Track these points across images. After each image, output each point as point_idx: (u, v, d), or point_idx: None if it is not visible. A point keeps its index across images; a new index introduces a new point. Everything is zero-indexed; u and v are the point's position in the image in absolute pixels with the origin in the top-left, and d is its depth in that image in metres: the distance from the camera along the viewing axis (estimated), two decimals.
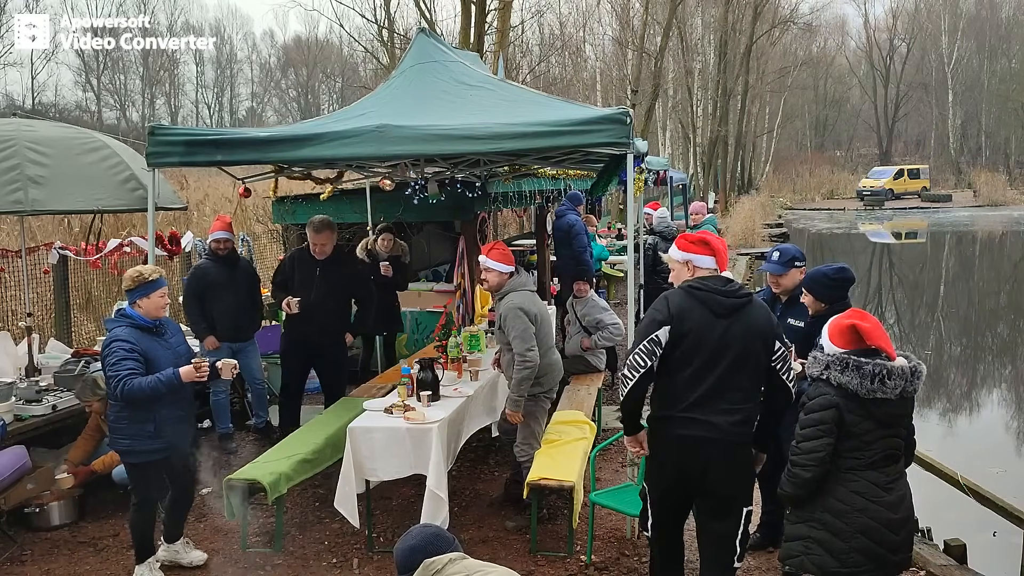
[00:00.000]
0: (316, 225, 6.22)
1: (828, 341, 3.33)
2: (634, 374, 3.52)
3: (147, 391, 4.09)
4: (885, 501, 3.21)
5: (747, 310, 3.58)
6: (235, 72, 65.86)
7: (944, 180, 51.83)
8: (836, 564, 3.21)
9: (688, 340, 3.51)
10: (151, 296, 4.28)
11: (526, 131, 4.67)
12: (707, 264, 3.66)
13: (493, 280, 5.13)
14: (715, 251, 3.69)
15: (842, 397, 3.18)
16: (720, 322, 3.53)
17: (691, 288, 3.59)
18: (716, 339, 3.51)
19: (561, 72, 36.07)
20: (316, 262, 6.25)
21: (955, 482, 5.26)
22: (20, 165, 5.70)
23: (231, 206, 15.40)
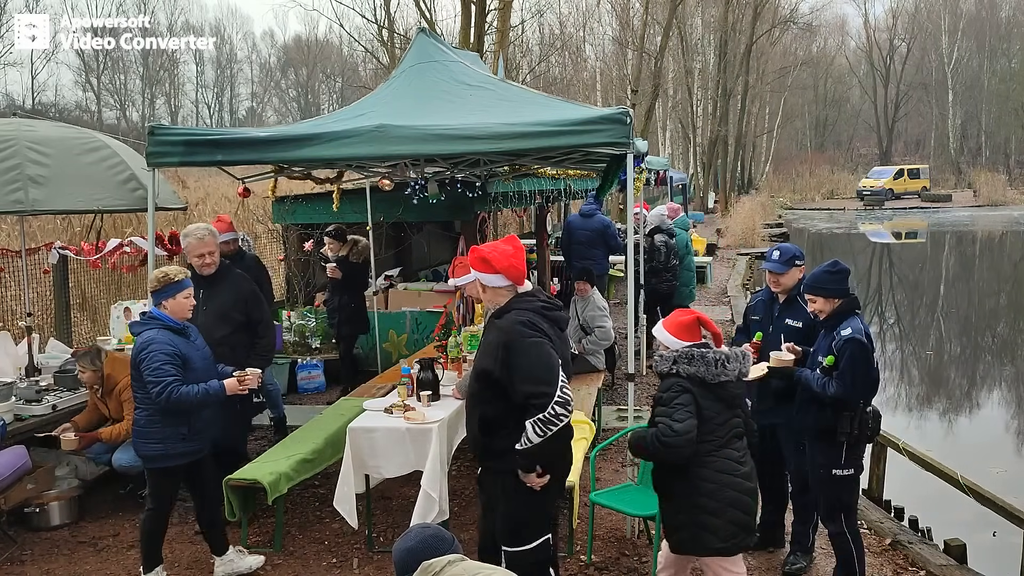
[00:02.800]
0: (195, 232, 5.13)
1: (672, 338, 3.62)
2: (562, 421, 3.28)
3: (194, 401, 4.10)
4: (742, 473, 3.57)
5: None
6: (235, 72, 65.93)
7: (944, 180, 51.84)
8: (716, 540, 3.52)
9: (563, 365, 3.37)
10: (177, 297, 4.22)
11: (526, 131, 4.67)
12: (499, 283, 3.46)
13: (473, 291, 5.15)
14: (502, 269, 3.43)
15: (694, 385, 3.49)
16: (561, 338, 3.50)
17: (545, 309, 3.42)
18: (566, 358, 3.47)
19: (561, 72, 36.10)
20: (200, 280, 5.05)
21: (955, 482, 5.26)
22: (20, 165, 5.70)
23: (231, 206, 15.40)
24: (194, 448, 4.28)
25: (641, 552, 4.89)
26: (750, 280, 17.20)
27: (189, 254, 5.12)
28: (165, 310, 4.22)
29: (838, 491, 4.17)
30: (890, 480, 5.97)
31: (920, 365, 12.34)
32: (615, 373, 8.34)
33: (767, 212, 32.68)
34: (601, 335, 7.11)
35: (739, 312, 12.10)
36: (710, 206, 35.47)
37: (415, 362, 5.25)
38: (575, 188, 9.71)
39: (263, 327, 5.33)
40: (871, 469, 5.95)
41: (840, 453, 4.10)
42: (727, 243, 23.50)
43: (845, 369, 3.98)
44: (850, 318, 4.06)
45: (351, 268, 7.73)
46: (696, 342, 3.60)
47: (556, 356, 3.30)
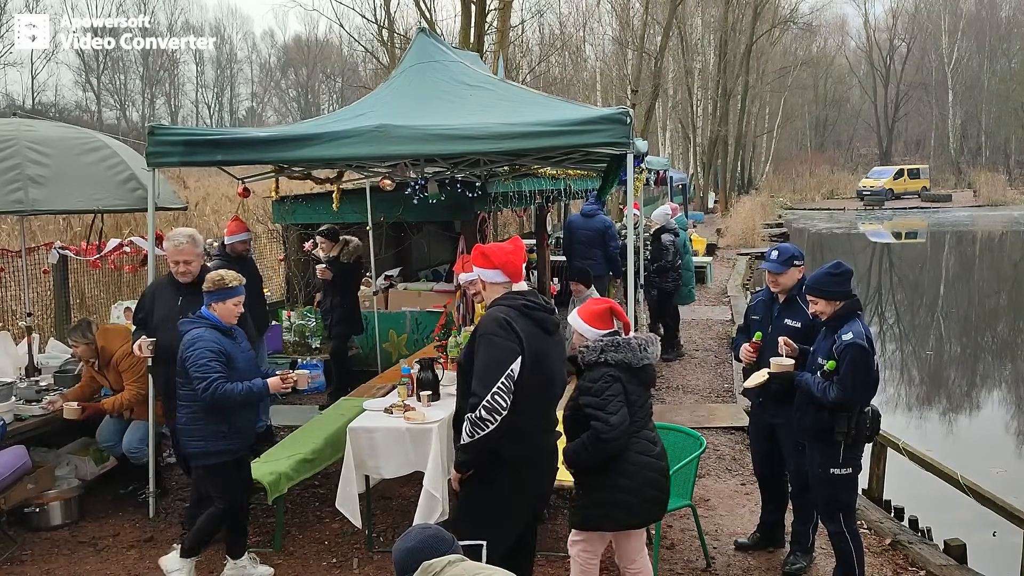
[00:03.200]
0: (174, 238, 4.97)
1: (589, 327, 3.73)
2: (497, 417, 3.17)
3: (236, 398, 4.16)
4: (656, 452, 3.73)
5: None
6: (235, 72, 65.93)
7: (944, 180, 51.84)
8: (631, 516, 3.68)
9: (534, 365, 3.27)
10: (227, 302, 4.32)
11: (526, 131, 4.67)
12: (496, 279, 3.45)
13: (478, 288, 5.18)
14: (499, 264, 3.43)
15: (622, 372, 3.62)
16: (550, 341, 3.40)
17: (527, 307, 3.35)
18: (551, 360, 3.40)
19: (561, 72, 36.10)
20: (179, 288, 4.98)
21: (955, 482, 5.26)
22: (20, 165, 5.70)
23: (231, 206, 15.40)
24: (234, 447, 4.34)
25: None
26: (750, 280, 17.20)
27: (168, 259, 4.98)
28: (214, 311, 4.32)
29: (836, 490, 4.17)
30: (890, 480, 5.97)
31: (920, 365, 12.34)
32: None
33: (767, 212, 32.68)
34: None
35: (739, 312, 12.11)
36: (710, 206, 35.48)
37: (415, 362, 5.25)
38: (575, 188, 9.70)
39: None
40: (871, 469, 5.95)
41: (838, 453, 4.11)
42: (727, 243, 23.51)
43: (846, 374, 3.97)
44: (851, 321, 4.06)
45: (343, 269, 7.68)
46: (611, 330, 3.74)
47: (509, 359, 3.18)
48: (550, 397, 3.43)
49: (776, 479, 4.83)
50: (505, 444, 3.24)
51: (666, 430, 5.02)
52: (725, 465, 6.44)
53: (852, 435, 4.06)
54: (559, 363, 3.42)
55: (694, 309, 13.08)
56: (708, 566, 4.74)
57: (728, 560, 4.84)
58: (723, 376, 9.14)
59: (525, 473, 3.33)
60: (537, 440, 3.32)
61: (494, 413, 3.15)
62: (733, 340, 5.39)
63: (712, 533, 5.16)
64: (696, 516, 4.79)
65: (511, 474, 3.31)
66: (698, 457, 4.66)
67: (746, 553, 4.90)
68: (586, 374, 3.68)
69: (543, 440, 3.37)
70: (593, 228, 9.43)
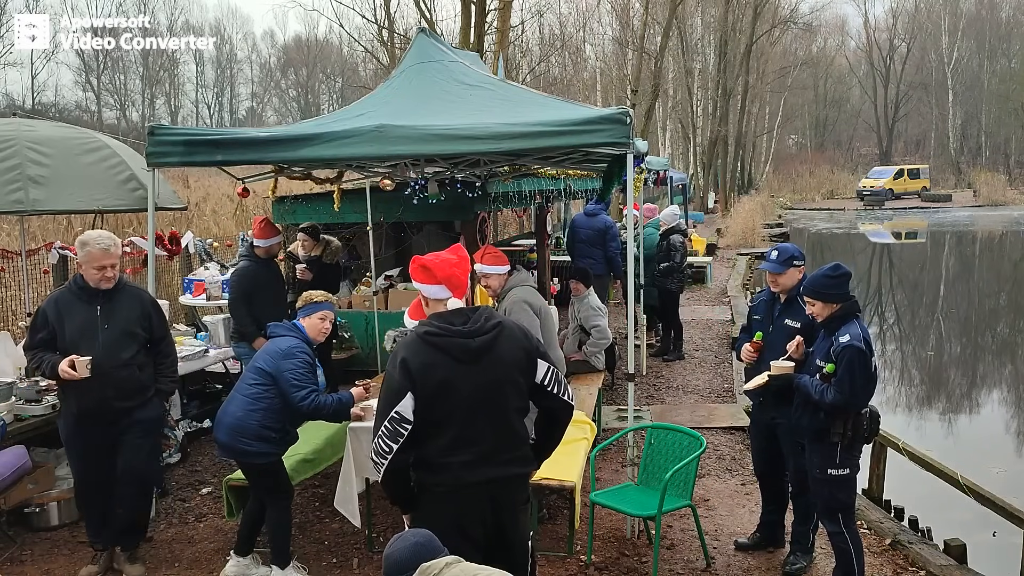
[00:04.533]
0: (101, 240, 4.43)
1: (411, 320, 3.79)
2: (383, 460, 2.98)
3: (329, 410, 4.30)
4: None
5: (497, 346, 3.07)
6: (235, 72, 65.94)
7: (944, 180, 51.84)
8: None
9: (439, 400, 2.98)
10: (312, 317, 4.47)
11: (526, 131, 4.67)
12: (440, 295, 3.17)
13: (495, 283, 5.21)
14: (442, 279, 3.14)
15: None
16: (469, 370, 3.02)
17: (428, 335, 3.02)
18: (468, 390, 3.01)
19: (561, 72, 36.10)
20: (93, 297, 4.47)
21: (955, 482, 5.26)
22: (20, 165, 5.71)
23: (231, 206, 15.40)
24: (274, 450, 4.39)
25: (641, 552, 4.89)
26: (750, 280, 17.20)
27: (87, 264, 4.39)
28: (303, 324, 4.46)
29: (834, 491, 4.18)
30: (890, 480, 5.97)
31: (920, 365, 12.34)
32: (615, 373, 8.34)
33: (767, 212, 32.69)
34: (598, 335, 7.06)
35: (739, 312, 12.11)
36: (710, 206, 35.48)
37: None
38: (575, 188, 9.70)
39: (166, 344, 4.77)
40: (871, 469, 5.95)
41: (835, 454, 4.12)
42: (727, 243, 23.51)
43: (843, 377, 3.98)
44: (849, 323, 4.06)
45: (323, 269, 7.36)
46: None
47: (394, 400, 2.94)
48: (468, 425, 3.02)
49: (776, 479, 4.83)
50: (422, 474, 3.07)
51: (666, 430, 5.03)
52: (725, 465, 6.45)
53: (849, 436, 4.07)
54: (481, 390, 3.01)
55: (694, 309, 13.09)
56: (708, 566, 4.75)
57: (728, 560, 4.84)
58: (723, 376, 9.14)
59: (440, 502, 3.05)
60: (457, 473, 3.00)
61: (380, 456, 2.98)
62: (735, 340, 5.39)
63: (712, 533, 5.17)
64: (696, 516, 4.80)
65: (432, 505, 3.07)
66: (698, 457, 4.66)
67: (746, 553, 4.90)
68: None
69: (466, 472, 3.00)
70: (594, 228, 9.45)
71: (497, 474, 3.04)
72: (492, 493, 3.06)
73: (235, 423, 4.28)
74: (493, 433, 3.05)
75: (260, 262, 6.45)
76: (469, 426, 3.01)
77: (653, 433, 5.03)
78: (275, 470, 4.45)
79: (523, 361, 3.12)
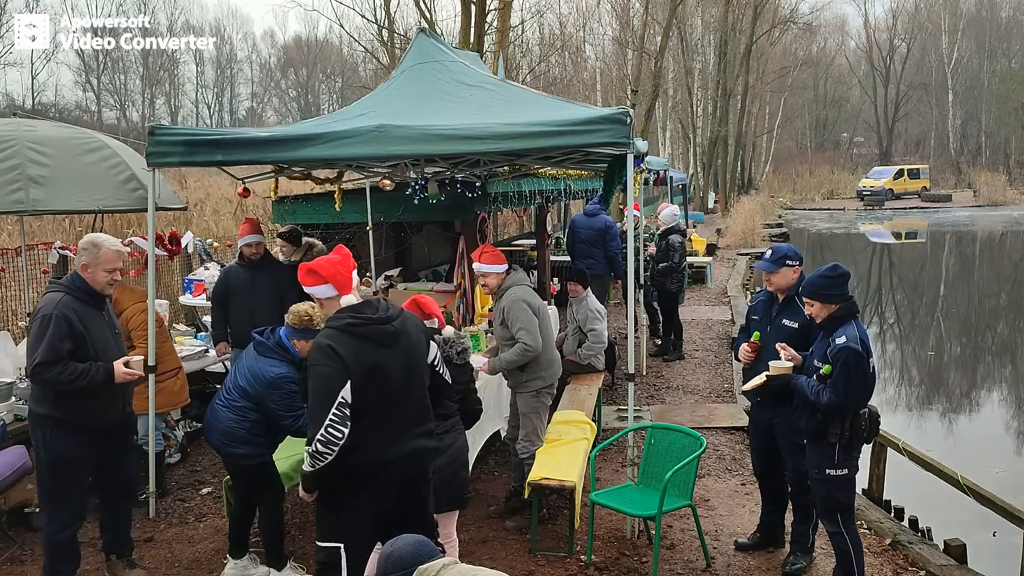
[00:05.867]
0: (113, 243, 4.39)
1: None
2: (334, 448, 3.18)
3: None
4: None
5: (405, 329, 3.40)
6: (235, 72, 65.92)
7: (944, 180, 51.83)
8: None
9: (370, 382, 3.25)
10: (308, 342, 4.07)
11: (526, 131, 4.67)
12: (328, 293, 3.39)
13: (492, 282, 5.22)
14: (328, 277, 3.35)
15: None
16: (389, 352, 3.32)
17: (350, 326, 3.26)
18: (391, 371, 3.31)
19: (561, 72, 36.09)
20: (98, 301, 4.35)
21: (955, 482, 5.26)
22: (21, 165, 5.71)
23: (231, 206, 15.41)
24: (264, 451, 4.41)
25: (641, 552, 4.89)
26: (750, 280, 17.19)
27: (99, 267, 4.24)
28: (295, 346, 4.25)
29: (833, 491, 4.18)
30: (890, 480, 5.97)
31: (920, 365, 12.34)
32: (615, 373, 8.34)
33: (767, 212, 32.68)
34: (594, 339, 6.95)
35: (739, 312, 12.12)
36: (710, 206, 35.47)
37: None
38: (575, 188, 9.70)
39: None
40: (871, 469, 5.95)
41: (833, 454, 4.12)
42: (727, 243, 23.50)
43: (838, 378, 3.98)
44: (846, 324, 4.05)
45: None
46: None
47: (337, 387, 3.14)
48: (394, 404, 3.34)
49: (776, 479, 4.83)
50: (353, 457, 3.25)
51: (666, 430, 5.03)
52: (725, 465, 6.45)
53: (847, 437, 4.07)
54: (401, 370, 3.34)
55: (694, 309, 13.09)
56: (708, 566, 4.75)
57: (728, 560, 4.84)
58: (723, 376, 9.14)
59: (364, 480, 3.29)
60: (384, 450, 3.29)
61: (331, 445, 3.16)
62: (735, 340, 5.39)
63: (712, 533, 5.17)
64: (696, 516, 4.80)
65: (351, 481, 3.29)
66: (698, 457, 4.66)
67: (746, 553, 4.90)
68: None
69: (391, 448, 3.30)
70: (594, 228, 9.45)
71: (415, 447, 3.39)
72: (410, 467, 3.38)
73: (225, 429, 4.30)
74: (413, 409, 3.40)
75: (245, 264, 6.38)
76: (395, 405, 3.32)
77: (653, 433, 5.03)
78: (266, 470, 4.45)
79: (424, 342, 3.53)
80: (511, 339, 5.12)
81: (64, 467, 4.17)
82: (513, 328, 5.05)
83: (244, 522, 4.60)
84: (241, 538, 4.60)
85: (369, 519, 3.32)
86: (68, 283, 4.25)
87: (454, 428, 4.11)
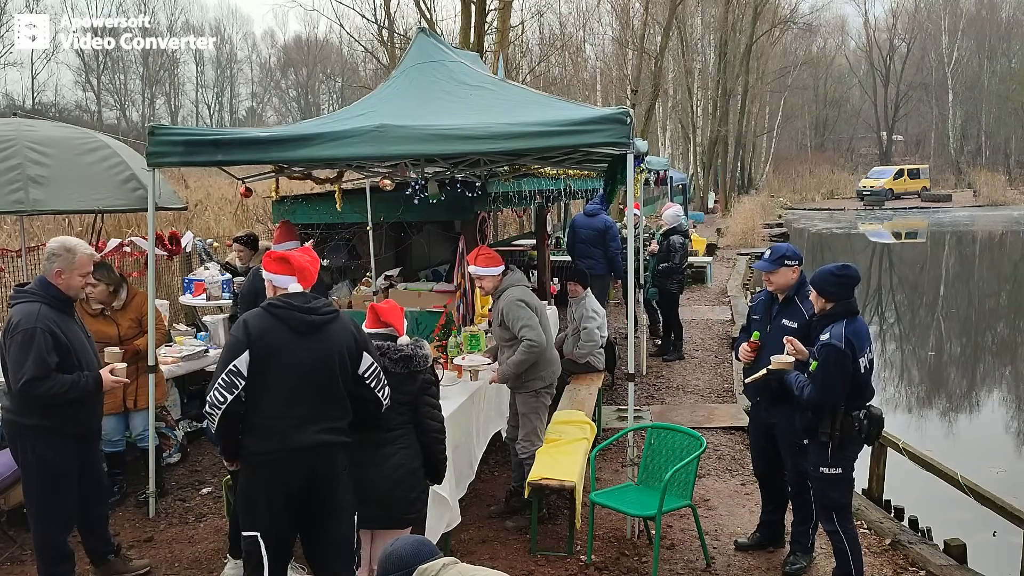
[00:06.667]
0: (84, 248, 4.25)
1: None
2: (216, 411, 3.32)
3: None
4: (372, 459, 3.69)
5: (331, 327, 3.50)
6: (235, 72, 65.91)
7: (944, 180, 51.83)
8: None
9: (272, 361, 3.36)
10: None
11: (526, 131, 4.67)
12: (288, 284, 3.55)
13: (489, 285, 5.25)
14: (297, 269, 3.57)
15: None
16: (302, 340, 3.43)
17: (271, 306, 3.46)
18: (300, 358, 3.41)
19: (561, 72, 36.07)
20: (69, 308, 4.25)
21: (955, 482, 5.26)
22: (21, 165, 5.71)
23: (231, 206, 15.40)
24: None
25: (641, 552, 4.89)
26: (750, 280, 17.18)
27: (74, 272, 4.12)
28: None
29: (827, 488, 4.21)
30: (890, 480, 5.97)
31: (920, 365, 12.34)
32: (615, 373, 8.34)
33: (767, 212, 32.69)
34: (585, 337, 6.94)
35: (739, 312, 12.12)
36: (710, 206, 35.47)
37: None
38: (575, 188, 9.70)
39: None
40: (871, 469, 5.95)
41: (826, 452, 4.15)
42: (727, 243, 23.50)
43: (817, 374, 4.03)
44: (837, 323, 4.08)
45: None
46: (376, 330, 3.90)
47: (232, 355, 3.31)
48: (299, 392, 3.39)
49: (776, 479, 4.83)
50: (250, 440, 3.39)
51: (666, 430, 5.03)
52: (725, 465, 6.45)
53: (837, 436, 4.09)
54: (313, 362, 3.41)
55: (694, 309, 13.09)
56: (708, 566, 4.75)
57: (728, 560, 4.84)
58: (723, 376, 9.14)
59: (267, 468, 3.39)
60: (284, 436, 3.36)
61: (214, 407, 3.32)
62: (735, 340, 5.39)
63: (712, 533, 5.17)
64: (696, 516, 4.80)
65: (253, 469, 3.44)
66: (698, 457, 4.66)
67: (746, 553, 4.90)
68: None
69: (292, 436, 3.36)
70: (594, 228, 9.45)
71: (318, 440, 3.41)
72: (315, 459, 3.42)
73: None
74: (321, 404, 3.44)
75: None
76: (300, 393, 3.39)
77: (653, 433, 5.03)
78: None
79: (352, 348, 3.52)
80: (511, 339, 5.12)
81: (55, 475, 4.13)
82: (515, 328, 5.05)
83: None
84: (239, 537, 4.58)
85: (280, 509, 3.40)
86: (41, 291, 4.07)
87: (394, 443, 3.75)
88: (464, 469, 5.13)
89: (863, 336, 4.09)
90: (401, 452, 3.74)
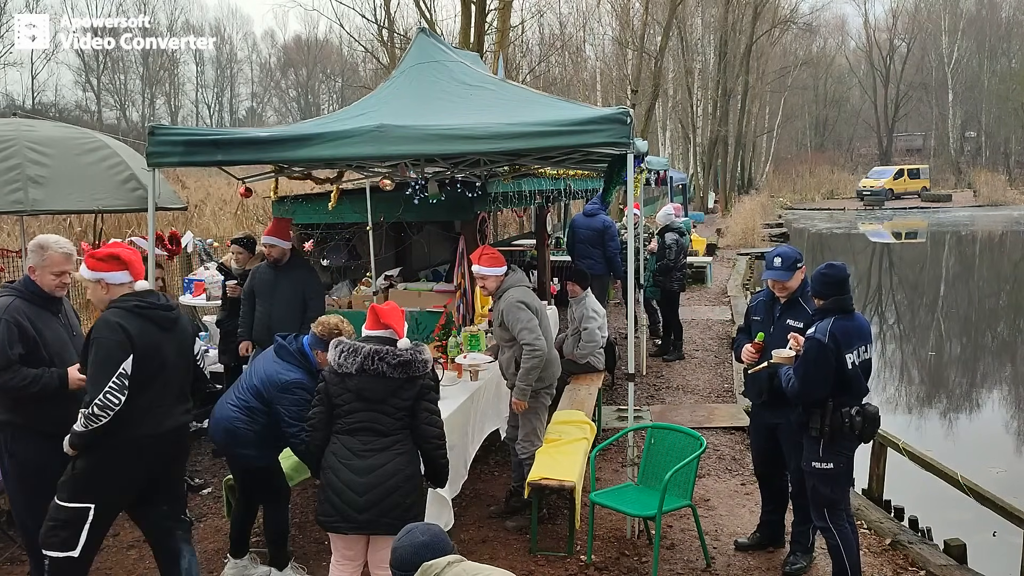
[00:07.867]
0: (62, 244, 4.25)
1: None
2: (109, 413, 3.50)
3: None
4: (353, 465, 3.67)
5: (181, 320, 3.89)
6: (235, 72, 65.93)
7: (944, 180, 51.83)
8: (321, 511, 3.74)
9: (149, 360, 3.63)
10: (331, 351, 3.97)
11: (526, 131, 4.67)
12: (122, 280, 3.74)
13: (491, 285, 5.23)
14: (127, 263, 3.74)
15: (330, 373, 3.78)
16: (166, 335, 3.75)
17: (136, 308, 3.65)
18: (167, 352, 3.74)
19: (561, 72, 36.08)
20: (53, 304, 4.24)
21: (955, 482, 5.26)
22: (21, 165, 5.71)
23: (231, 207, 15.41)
24: (271, 453, 4.45)
25: (641, 552, 4.89)
26: (750, 280, 17.19)
27: (45, 269, 4.14)
28: (316, 356, 4.24)
29: (817, 483, 4.23)
30: (890, 480, 5.97)
31: (920, 365, 12.34)
32: (615, 373, 8.34)
33: (767, 212, 32.69)
34: (586, 337, 6.94)
35: (739, 312, 12.11)
36: (710, 206, 35.47)
37: None
38: (575, 188, 9.70)
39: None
40: (871, 469, 5.95)
41: (818, 447, 4.19)
42: (727, 243, 23.50)
43: (798, 367, 4.10)
44: (826, 319, 4.12)
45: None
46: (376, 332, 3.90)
47: (119, 359, 3.51)
48: (167, 382, 3.75)
49: (776, 479, 4.83)
50: (123, 428, 3.58)
51: (666, 430, 5.03)
52: (725, 465, 6.45)
53: (827, 432, 4.11)
54: (175, 353, 3.79)
55: (694, 309, 13.09)
56: (708, 566, 4.75)
57: (728, 560, 4.84)
58: (723, 376, 9.14)
59: (143, 450, 3.67)
60: (158, 422, 3.69)
61: (107, 410, 3.49)
62: (733, 341, 5.39)
63: (712, 533, 5.17)
64: (696, 516, 4.80)
65: (125, 448, 3.63)
66: (698, 457, 4.66)
67: (746, 553, 4.91)
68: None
69: (165, 421, 3.72)
70: (593, 228, 9.45)
71: (179, 421, 3.84)
72: (176, 438, 3.84)
73: (231, 428, 4.28)
74: (180, 389, 3.85)
75: (270, 265, 6.27)
76: (168, 383, 3.74)
77: (653, 433, 5.04)
78: (274, 472, 4.46)
79: (192, 335, 3.99)
80: (511, 340, 5.12)
81: (32, 473, 4.01)
82: (515, 330, 5.04)
83: (245, 522, 4.60)
84: (242, 538, 4.60)
85: (139, 485, 3.73)
86: (21, 287, 4.16)
87: (390, 448, 3.68)
88: (459, 469, 5.12)
89: (853, 333, 4.10)
90: (398, 458, 3.69)
